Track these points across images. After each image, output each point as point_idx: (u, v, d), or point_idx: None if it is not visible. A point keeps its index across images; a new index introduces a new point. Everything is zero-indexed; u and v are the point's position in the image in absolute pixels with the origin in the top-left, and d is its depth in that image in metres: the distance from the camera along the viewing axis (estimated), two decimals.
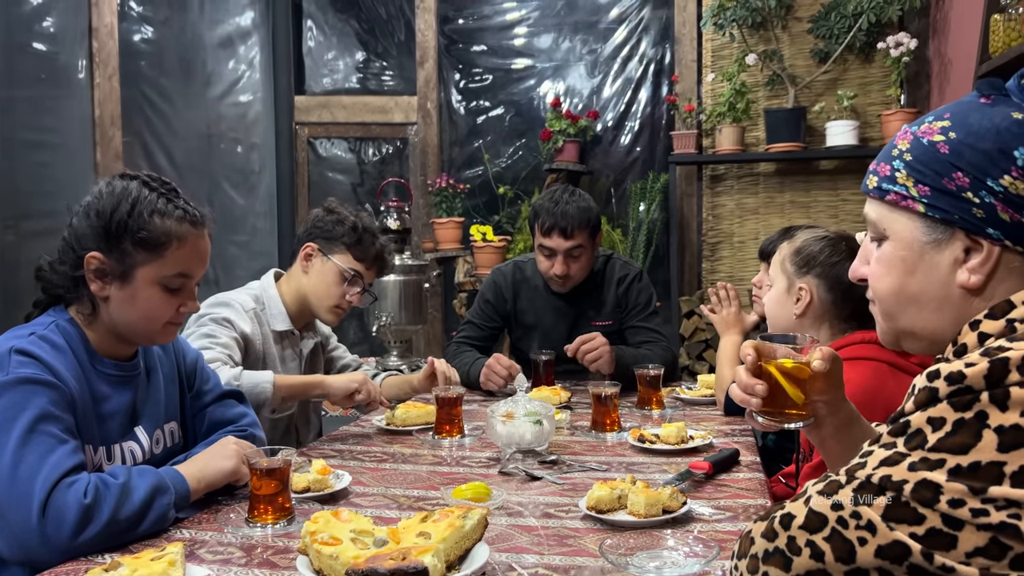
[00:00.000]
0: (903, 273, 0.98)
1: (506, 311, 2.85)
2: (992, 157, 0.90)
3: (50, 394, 1.31)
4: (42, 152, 3.17)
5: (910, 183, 0.96)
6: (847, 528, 0.82)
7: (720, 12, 4.11)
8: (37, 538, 1.20)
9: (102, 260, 1.42)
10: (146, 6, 3.85)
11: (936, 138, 0.94)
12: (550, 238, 2.60)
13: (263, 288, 2.26)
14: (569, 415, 2.18)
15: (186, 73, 4.14)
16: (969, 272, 0.93)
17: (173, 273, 1.46)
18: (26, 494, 1.21)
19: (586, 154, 4.74)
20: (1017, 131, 0.90)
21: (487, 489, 1.47)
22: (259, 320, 2.18)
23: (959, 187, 0.91)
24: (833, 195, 4.24)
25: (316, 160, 5.11)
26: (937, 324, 0.97)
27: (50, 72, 3.29)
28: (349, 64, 5.17)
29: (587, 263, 2.68)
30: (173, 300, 1.48)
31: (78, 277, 1.43)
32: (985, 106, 0.93)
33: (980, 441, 0.77)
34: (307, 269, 2.24)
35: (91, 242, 1.42)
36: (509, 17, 4.98)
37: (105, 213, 1.42)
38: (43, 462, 1.24)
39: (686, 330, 4.25)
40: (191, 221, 1.48)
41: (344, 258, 2.23)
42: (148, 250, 1.43)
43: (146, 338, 1.51)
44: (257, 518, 1.36)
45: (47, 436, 1.27)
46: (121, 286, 1.43)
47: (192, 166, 4.12)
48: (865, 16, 3.92)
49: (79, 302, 1.46)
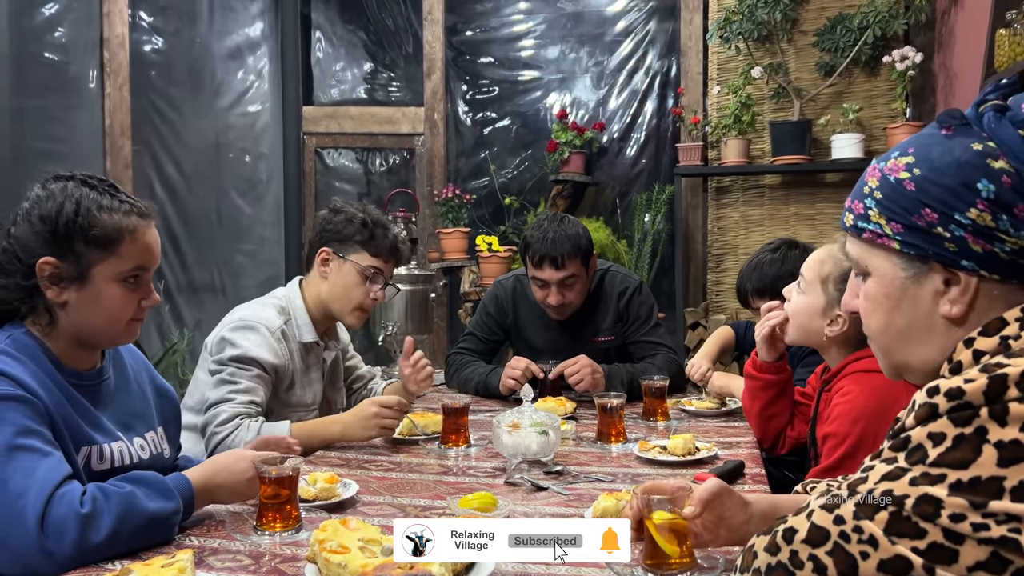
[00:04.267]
0: (889, 309, 0.99)
1: (507, 325, 2.85)
2: (956, 192, 0.90)
3: (23, 408, 1.27)
4: (52, 161, 3.19)
5: (883, 221, 0.96)
6: (849, 542, 0.83)
7: (726, 25, 4.13)
8: (40, 555, 1.17)
9: (56, 264, 1.36)
10: (157, 17, 3.89)
11: (902, 175, 0.95)
12: (542, 270, 2.58)
13: (289, 299, 2.21)
14: (575, 426, 2.19)
15: (195, 83, 4.17)
16: (950, 303, 0.94)
17: (130, 268, 1.41)
18: (20, 513, 1.18)
19: (592, 165, 4.76)
20: (978, 163, 0.90)
21: (493, 499, 1.48)
22: (286, 337, 2.13)
23: (929, 223, 0.92)
24: (838, 208, 4.24)
25: (323, 170, 5.14)
26: (927, 355, 0.98)
27: (61, 82, 3.33)
28: (357, 75, 5.20)
29: (582, 289, 2.65)
30: (133, 296, 1.43)
31: (30, 287, 1.37)
32: (945, 138, 0.94)
33: (980, 456, 0.78)
34: (325, 275, 2.20)
35: (39, 248, 1.36)
36: (516, 29, 5.01)
37: (50, 216, 1.36)
38: (31, 477, 1.20)
39: (691, 341, 4.26)
40: (139, 213, 1.43)
41: (360, 256, 2.19)
42: (102, 248, 1.38)
43: (109, 339, 1.46)
44: (265, 526, 1.37)
45: (29, 452, 1.23)
46: (80, 288, 1.38)
47: (200, 175, 4.15)
48: (871, 30, 3.93)
49: (34, 313, 1.39)
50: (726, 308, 4.35)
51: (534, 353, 2.78)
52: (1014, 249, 0.90)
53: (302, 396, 2.19)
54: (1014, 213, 0.89)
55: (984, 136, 0.91)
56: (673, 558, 1.18)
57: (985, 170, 0.89)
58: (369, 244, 2.20)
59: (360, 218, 2.21)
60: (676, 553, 1.18)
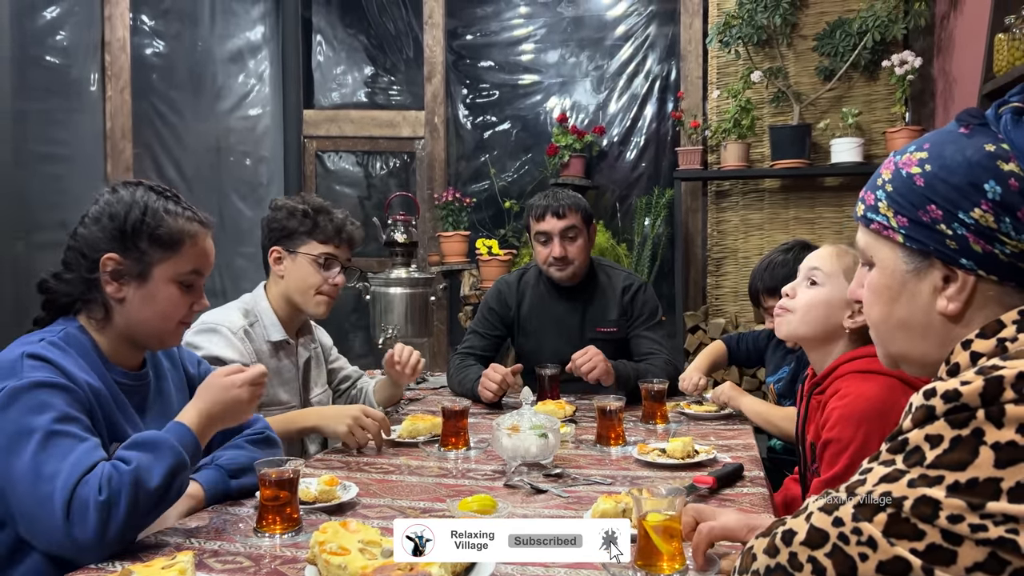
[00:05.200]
0: (889, 300, 1.01)
1: (510, 318, 2.87)
2: (963, 191, 0.91)
3: (65, 396, 1.32)
4: (53, 164, 3.21)
5: (890, 214, 0.98)
6: (848, 544, 0.83)
7: (726, 30, 4.15)
8: (67, 541, 1.21)
9: (119, 261, 1.44)
10: (158, 21, 3.90)
11: (913, 170, 0.96)
12: (544, 222, 2.69)
13: (255, 301, 2.23)
14: (574, 429, 2.19)
15: (196, 87, 4.18)
16: (947, 300, 0.95)
17: (187, 270, 1.49)
18: (49, 496, 1.22)
19: (592, 169, 4.77)
20: (987, 164, 0.90)
21: (492, 501, 1.48)
22: (250, 337, 2.15)
23: (933, 219, 0.93)
24: (838, 211, 4.26)
25: (324, 173, 5.15)
26: (925, 349, 0.99)
27: (62, 85, 3.33)
28: (357, 79, 5.21)
29: (584, 248, 2.72)
30: (186, 298, 1.51)
31: (92, 281, 1.44)
32: (962, 137, 0.94)
33: (977, 458, 0.78)
34: (281, 272, 2.21)
35: (105, 244, 1.44)
36: (516, 33, 5.02)
37: (119, 215, 1.44)
38: (63, 463, 1.24)
39: (690, 345, 4.26)
40: (199, 221, 1.52)
41: (309, 247, 2.20)
42: (164, 248, 1.46)
43: (159, 339, 1.53)
44: (265, 528, 1.37)
45: (66, 437, 1.28)
46: (139, 285, 1.46)
47: (201, 178, 4.16)
48: (870, 34, 3.95)
49: (89, 308, 1.46)
50: (726, 312, 4.36)
51: (536, 349, 2.79)
52: (1014, 252, 0.90)
53: (275, 395, 2.18)
54: (1017, 216, 0.89)
55: (1000, 138, 0.91)
56: (666, 559, 1.19)
57: (994, 171, 0.90)
58: (315, 232, 2.20)
59: (300, 209, 2.21)
60: (669, 554, 1.19)
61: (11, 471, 1.25)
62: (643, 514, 1.20)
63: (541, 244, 2.73)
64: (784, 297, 1.81)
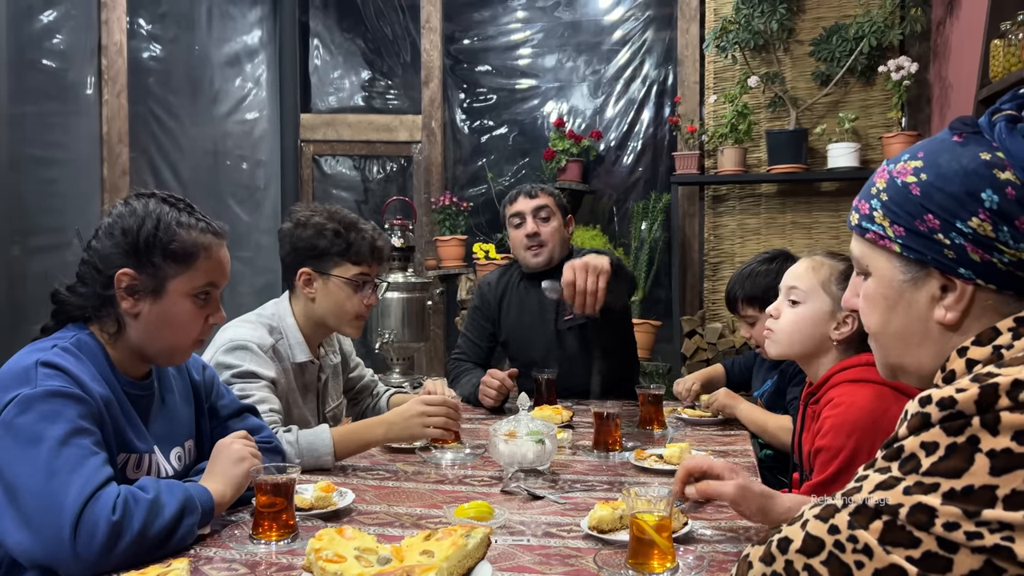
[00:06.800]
0: (885, 310, 1.00)
1: (493, 314, 2.87)
2: (960, 200, 0.91)
3: (79, 407, 1.30)
4: (50, 168, 3.20)
5: (886, 223, 0.97)
6: (844, 552, 0.83)
7: (722, 35, 4.15)
8: (69, 554, 1.19)
9: (134, 276, 1.42)
10: (155, 25, 3.90)
11: (909, 179, 0.95)
12: (516, 203, 2.76)
13: (280, 317, 2.12)
14: (571, 434, 2.19)
15: (193, 91, 4.18)
16: (945, 309, 0.94)
17: (203, 283, 1.47)
18: (58, 508, 1.20)
19: (589, 173, 4.78)
20: (984, 172, 0.90)
21: (489, 508, 1.48)
22: (279, 356, 2.06)
23: (930, 229, 0.93)
24: (835, 216, 4.26)
25: (321, 177, 5.15)
26: (922, 359, 0.99)
27: (59, 89, 3.33)
28: (355, 83, 5.22)
29: (558, 229, 2.75)
30: (201, 312, 1.49)
31: (107, 297, 1.42)
32: (956, 145, 0.94)
33: (972, 465, 0.78)
34: (312, 295, 2.10)
35: (119, 260, 1.42)
36: (514, 38, 5.03)
37: (132, 230, 1.42)
38: (75, 475, 1.23)
39: (687, 350, 4.26)
40: (214, 232, 1.50)
41: (343, 269, 2.09)
42: (179, 262, 1.44)
43: (168, 356, 1.51)
44: (261, 535, 1.36)
45: (78, 449, 1.26)
46: (154, 301, 1.44)
47: (198, 182, 4.16)
48: (866, 40, 3.95)
49: (102, 321, 1.44)
50: (722, 316, 4.35)
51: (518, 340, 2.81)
52: (1012, 261, 0.90)
53: (300, 414, 2.14)
54: (1015, 225, 0.89)
55: (994, 146, 0.91)
56: (656, 558, 1.20)
57: (990, 180, 0.90)
58: (348, 253, 2.09)
59: (331, 229, 2.08)
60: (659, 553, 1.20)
61: (18, 479, 1.23)
62: (634, 514, 1.22)
63: (515, 228, 2.76)
64: (769, 318, 1.82)
